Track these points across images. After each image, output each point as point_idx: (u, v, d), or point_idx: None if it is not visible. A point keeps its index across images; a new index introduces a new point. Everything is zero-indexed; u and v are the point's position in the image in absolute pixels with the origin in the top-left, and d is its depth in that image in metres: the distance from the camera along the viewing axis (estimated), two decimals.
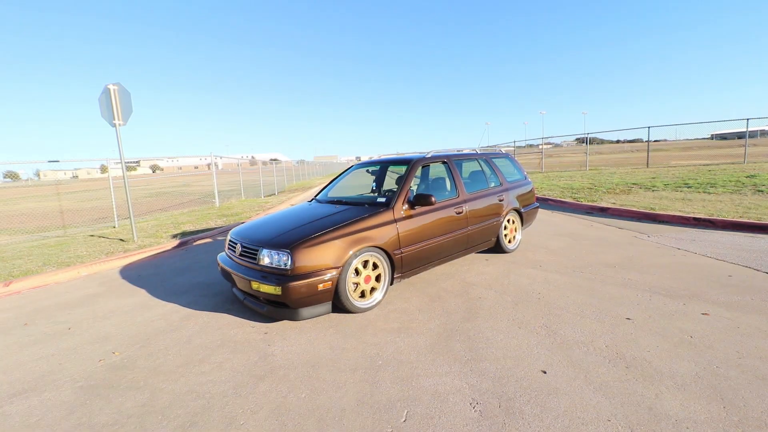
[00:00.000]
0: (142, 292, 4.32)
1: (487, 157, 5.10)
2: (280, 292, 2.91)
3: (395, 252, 3.50)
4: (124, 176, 6.82)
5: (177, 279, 4.76)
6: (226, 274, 3.56)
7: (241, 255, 3.37)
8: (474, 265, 4.60)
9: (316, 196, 4.80)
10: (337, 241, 3.15)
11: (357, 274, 3.28)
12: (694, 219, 6.39)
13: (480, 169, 4.88)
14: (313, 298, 3.02)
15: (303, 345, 2.84)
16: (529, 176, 5.99)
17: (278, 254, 3.05)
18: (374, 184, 4.82)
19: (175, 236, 7.25)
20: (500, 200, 4.81)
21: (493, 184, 4.88)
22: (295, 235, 3.20)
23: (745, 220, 5.93)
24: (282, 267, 3.01)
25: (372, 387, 2.28)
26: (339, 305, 3.22)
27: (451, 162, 4.46)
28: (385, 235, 3.44)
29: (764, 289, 3.47)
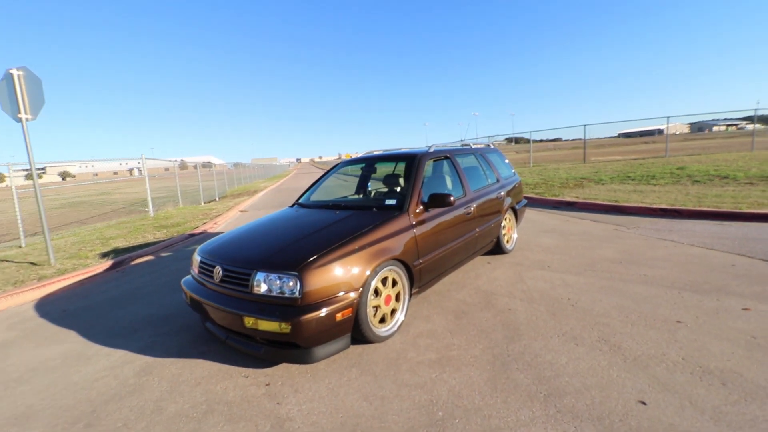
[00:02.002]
0: (72, 335, 3.27)
1: (482, 152, 4.71)
2: (288, 330, 2.19)
3: (415, 263, 2.92)
4: (35, 181, 5.43)
5: (118, 313, 3.73)
6: (197, 306, 2.73)
7: (222, 281, 2.56)
8: (479, 270, 4.17)
9: (298, 200, 4.04)
10: (354, 256, 2.49)
11: (376, 295, 2.65)
12: (661, 210, 6.59)
13: (477, 164, 4.47)
14: (330, 332, 2.34)
15: (326, 398, 2.15)
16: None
17: (281, 278, 2.32)
18: (369, 184, 4.19)
19: (104, 255, 5.96)
20: (499, 198, 4.44)
21: (490, 181, 4.50)
22: (301, 251, 2.49)
23: (706, 208, 6.21)
24: (288, 295, 2.28)
25: None
26: (357, 336, 2.56)
27: (454, 157, 3.99)
28: (403, 243, 2.85)
29: None
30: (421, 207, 3.16)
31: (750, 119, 16.65)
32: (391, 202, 3.20)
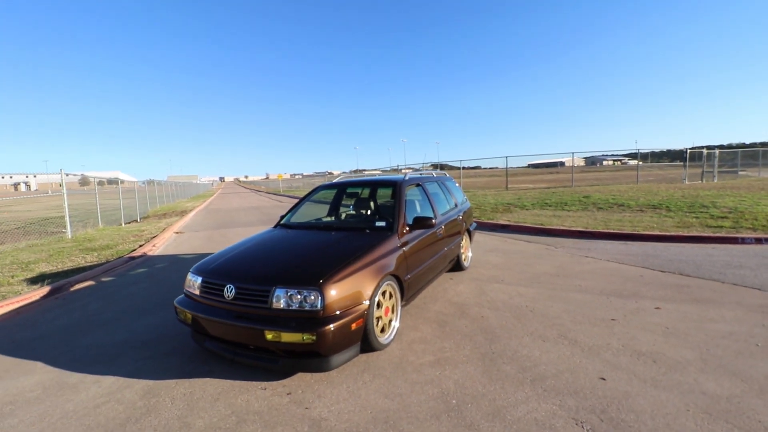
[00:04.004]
0: (39, 366, 3.02)
1: (442, 180, 5.30)
2: (312, 340, 2.39)
3: (405, 278, 3.29)
4: None
5: (82, 341, 3.49)
6: (199, 325, 2.78)
7: (236, 299, 2.66)
8: (445, 286, 4.64)
9: (279, 222, 4.19)
10: (363, 271, 2.78)
11: (378, 307, 2.95)
12: (578, 231, 7.79)
13: (440, 191, 5.03)
14: (346, 341, 2.58)
15: (350, 400, 2.37)
16: None
17: (301, 293, 2.52)
18: (351, 207, 4.48)
19: (33, 281, 5.35)
20: (459, 220, 5.02)
21: (450, 206, 5.07)
22: (317, 268, 2.71)
23: (612, 230, 7.52)
24: (309, 308, 2.49)
25: (472, 431, 2.03)
26: (364, 345, 2.82)
27: (424, 184, 4.49)
28: (395, 260, 3.20)
29: (671, 283, 4.41)
30: (407, 228, 3.56)
31: (633, 156, 20.12)
32: (381, 224, 3.56)
